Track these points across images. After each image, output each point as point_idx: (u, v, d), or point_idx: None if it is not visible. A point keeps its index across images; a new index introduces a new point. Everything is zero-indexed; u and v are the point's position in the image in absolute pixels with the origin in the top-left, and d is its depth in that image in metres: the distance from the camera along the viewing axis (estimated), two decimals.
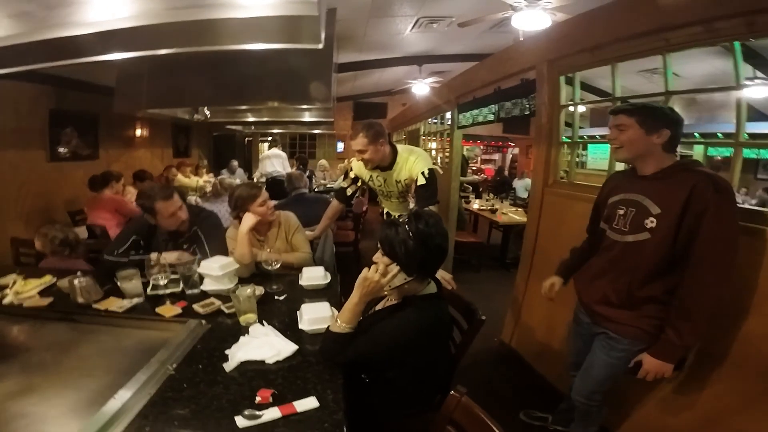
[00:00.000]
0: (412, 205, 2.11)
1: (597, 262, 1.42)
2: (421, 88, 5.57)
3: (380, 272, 1.09)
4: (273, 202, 2.04)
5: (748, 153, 5.56)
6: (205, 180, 5.24)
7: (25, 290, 1.69)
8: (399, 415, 1.22)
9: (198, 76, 3.72)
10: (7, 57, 2.11)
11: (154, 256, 1.96)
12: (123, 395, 0.96)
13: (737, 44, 1.35)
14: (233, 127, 6.48)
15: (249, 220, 1.88)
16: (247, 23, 1.63)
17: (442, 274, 1.76)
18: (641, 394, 1.58)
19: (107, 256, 1.93)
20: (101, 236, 3.04)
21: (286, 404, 0.92)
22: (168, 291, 1.67)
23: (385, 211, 2.50)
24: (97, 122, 4.42)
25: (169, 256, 1.92)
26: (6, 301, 1.61)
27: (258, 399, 0.95)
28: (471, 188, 5.46)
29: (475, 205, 4.46)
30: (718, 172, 1.18)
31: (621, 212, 1.29)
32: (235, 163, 6.83)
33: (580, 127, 2.53)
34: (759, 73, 3.05)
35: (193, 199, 3.87)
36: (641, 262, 1.23)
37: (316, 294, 1.68)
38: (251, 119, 5.46)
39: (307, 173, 6.03)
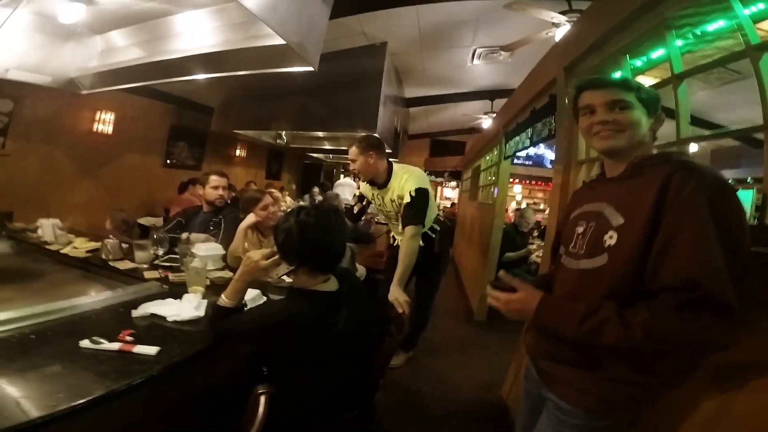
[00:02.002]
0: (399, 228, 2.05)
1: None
2: (490, 123, 5.43)
3: (263, 255, 1.12)
4: (276, 210, 2.20)
5: None
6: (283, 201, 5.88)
7: (81, 246, 2.13)
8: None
9: (275, 104, 4.38)
10: (137, 73, 2.93)
11: (184, 235, 2.33)
12: (39, 308, 1.15)
13: None
14: (316, 155, 7.21)
15: (249, 219, 2.07)
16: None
17: (396, 295, 1.67)
18: None
19: (155, 233, 2.33)
20: None
21: (127, 344, 0.97)
22: (168, 264, 1.92)
23: (392, 234, 2.45)
24: (204, 139, 5.44)
25: (198, 237, 2.25)
26: (63, 250, 2.06)
27: (119, 335, 1.02)
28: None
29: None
30: None
31: (580, 230, 0.94)
32: (315, 189, 7.50)
33: None
34: None
35: None
36: (598, 296, 0.83)
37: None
38: (327, 147, 6.06)
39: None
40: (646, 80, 1.47)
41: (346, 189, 6.79)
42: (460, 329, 3.31)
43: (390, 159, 2.15)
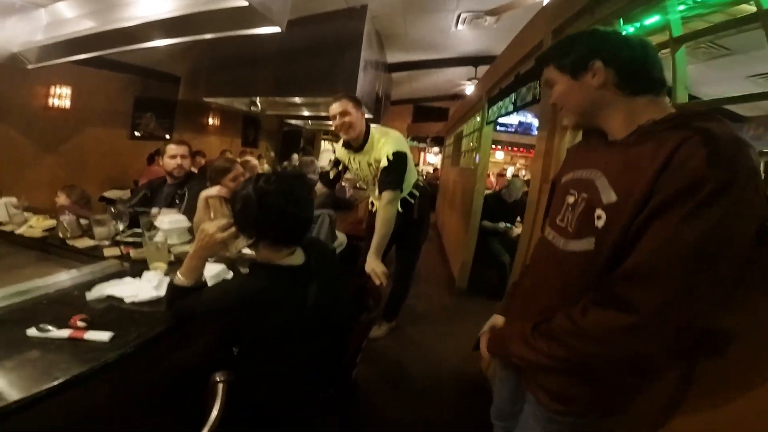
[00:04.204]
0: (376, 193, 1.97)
1: (527, 283, 0.94)
2: (473, 89, 5.30)
3: (219, 227, 1.02)
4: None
5: None
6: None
7: (37, 226, 1.98)
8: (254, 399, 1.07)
9: (248, 70, 4.11)
10: (88, 44, 2.68)
11: (154, 210, 2.19)
12: None
13: None
14: (294, 121, 6.93)
15: (213, 189, 1.93)
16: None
17: (372, 266, 1.61)
18: None
19: (119, 207, 2.18)
20: None
21: (78, 330, 0.90)
22: (132, 240, 1.81)
23: (370, 200, 2.37)
24: (173, 109, 5.12)
25: (170, 212, 2.12)
26: (18, 231, 1.90)
27: (71, 321, 0.94)
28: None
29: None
30: None
31: (570, 200, 0.79)
32: (295, 156, 7.29)
33: None
34: None
35: None
36: (587, 290, 0.71)
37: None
38: (306, 113, 5.81)
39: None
40: None
41: (328, 155, 6.63)
42: (443, 297, 3.35)
43: (368, 122, 2.05)
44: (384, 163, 1.85)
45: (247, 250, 1.08)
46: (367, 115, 3.79)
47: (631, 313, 0.60)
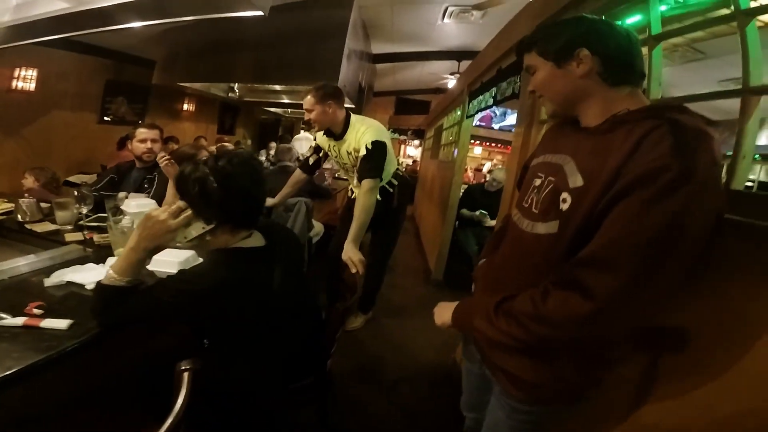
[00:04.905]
0: (355, 182, 1.96)
1: (496, 262, 0.93)
2: (455, 83, 5.33)
3: (170, 213, 0.89)
4: None
5: None
6: None
7: None
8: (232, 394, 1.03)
9: (227, 55, 3.98)
10: (59, 26, 2.52)
11: (121, 194, 2.11)
12: None
13: None
14: (273, 109, 6.78)
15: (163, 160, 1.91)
16: None
17: (349, 254, 1.58)
18: None
19: (83, 190, 2.09)
20: None
21: (34, 318, 0.85)
22: (96, 224, 1.73)
23: (350, 187, 2.36)
24: (147, 93, 4.91)
25: (138, 197, 2.05)
26: None
27: (26, 309, 0.89)
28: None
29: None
30: None
31: (537, 182, 0.79)
32: (273, 144, 7.14)
33: None
34: None
35: None
36: (551, 272, 0.71)
37: None
38: (286, 101, 5.69)
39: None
40: None
41: (304, 143, 6.51)
42: (419, 289, 3.37)
43: (350, 111, 2.03)
44: (363, 152, 1.86)
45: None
46: (349, 105, 3.76)
47: (588, 299, 0.61)
